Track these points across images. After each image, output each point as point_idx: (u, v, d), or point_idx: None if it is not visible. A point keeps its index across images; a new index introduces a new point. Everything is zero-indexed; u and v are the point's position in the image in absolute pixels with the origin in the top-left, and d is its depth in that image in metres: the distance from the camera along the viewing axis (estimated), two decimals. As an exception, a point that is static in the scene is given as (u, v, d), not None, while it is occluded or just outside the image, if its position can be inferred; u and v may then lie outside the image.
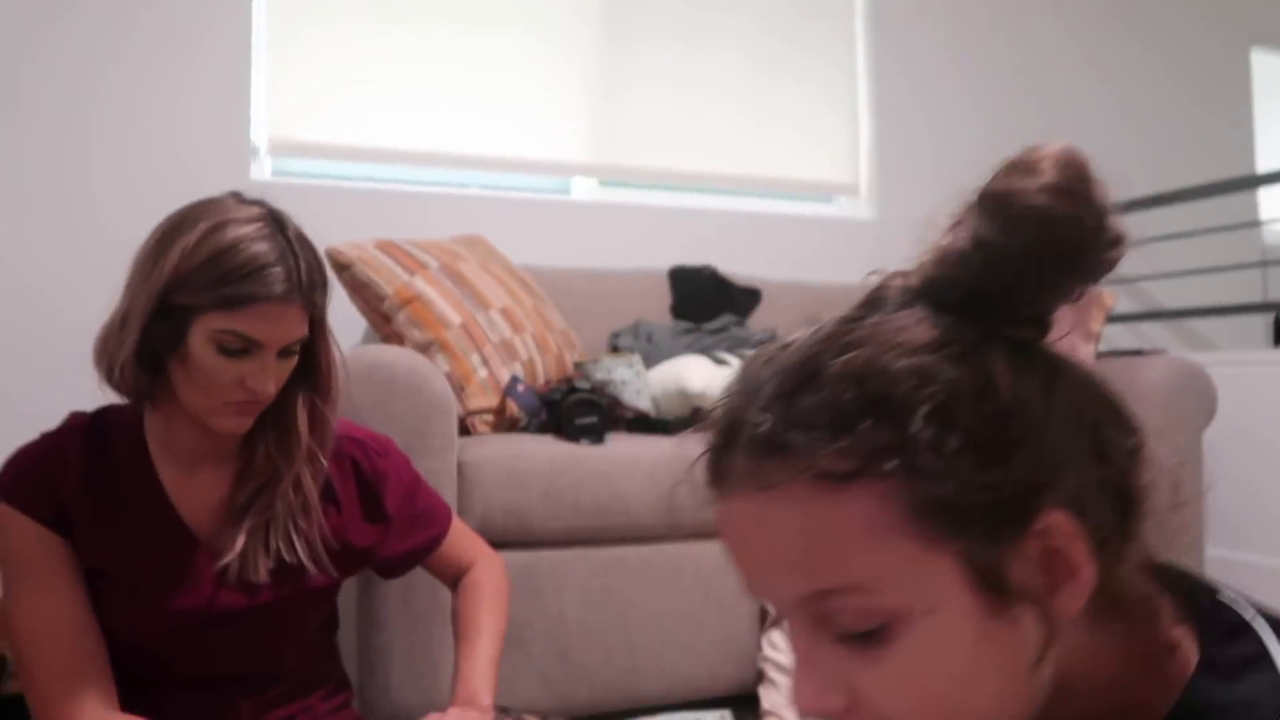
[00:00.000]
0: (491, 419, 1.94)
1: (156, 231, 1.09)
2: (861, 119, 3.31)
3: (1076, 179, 0.51)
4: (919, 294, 0.54)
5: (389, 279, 1.98)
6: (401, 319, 1.96)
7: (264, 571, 1.14)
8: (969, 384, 0.50)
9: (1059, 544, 0.50)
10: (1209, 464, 2.36)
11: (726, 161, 3.10)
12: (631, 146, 2.98)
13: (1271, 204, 3.89)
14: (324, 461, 1.19)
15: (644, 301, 2.65)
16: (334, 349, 1.19)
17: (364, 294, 1.99)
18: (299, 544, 1.16)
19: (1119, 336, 3.54)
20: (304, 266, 1.09)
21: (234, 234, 1.05)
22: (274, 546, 1.15)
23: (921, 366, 0.50)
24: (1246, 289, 3.54)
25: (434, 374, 1.65)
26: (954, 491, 0.49)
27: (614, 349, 2.44)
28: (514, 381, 1.94)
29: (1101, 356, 2.49)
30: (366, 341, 2.26)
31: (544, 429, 1.92)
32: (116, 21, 2.41)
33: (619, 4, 2.96)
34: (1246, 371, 2.75)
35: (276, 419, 1.16)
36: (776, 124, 3.16)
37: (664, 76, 3.02)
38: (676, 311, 2.64)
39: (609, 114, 2.95)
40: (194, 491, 1.16)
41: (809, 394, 0.51)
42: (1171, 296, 3.55)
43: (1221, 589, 0.58)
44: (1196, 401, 2.34)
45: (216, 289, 1.04)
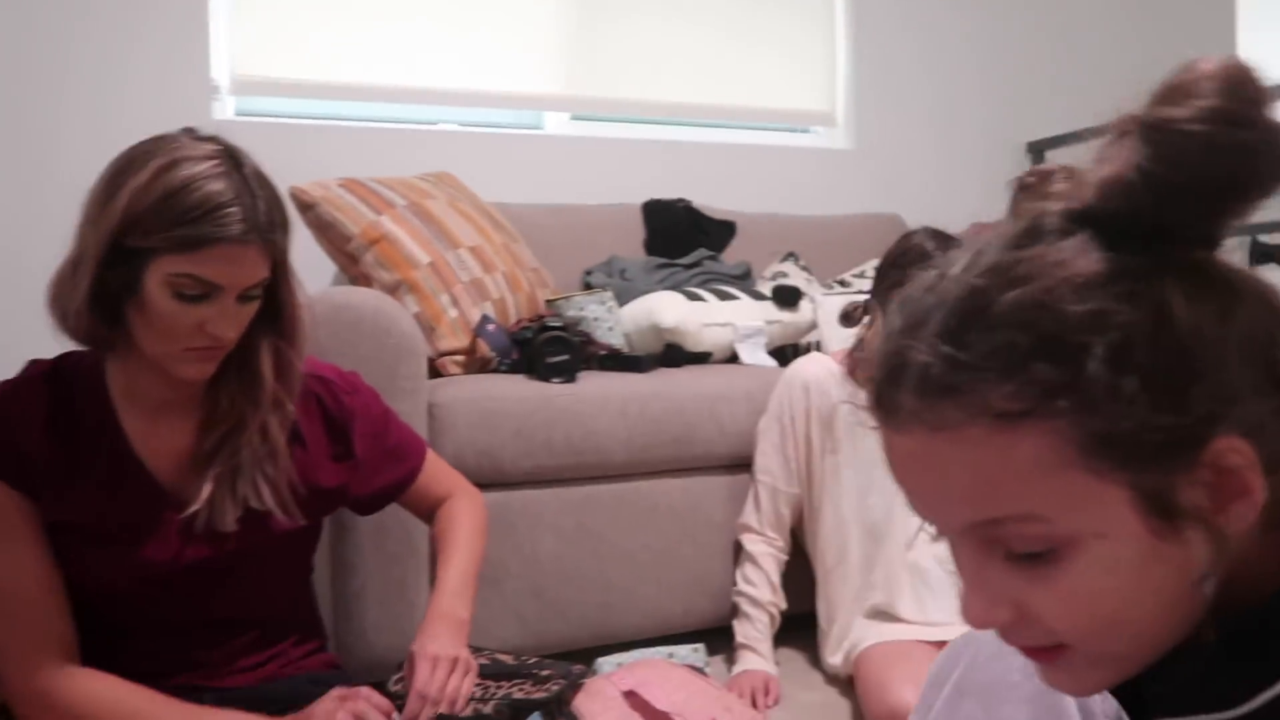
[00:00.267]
0: (462, 360, 1.92)
1: (107, 171, 1.06)
2: (839, 46, 3.25)
3: (1239, 99, 0.48)
4: (1082, 222, 0.52)
5: (355, 218, 1.95)
6: (369, 259, 1.93)
7: (232, 520, 1.13)
8: (1144, 321, 0.49)
9: (1232, 467, 0.50)
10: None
11: (701, 92, 3.04)
12: (605, 79, 2.93)
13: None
14: (290, 408, 1.17)
15: (617, 237, 2.62)
16: (298, 291, 1.16)
17: (329, 234, 1.95)
18: (266, 491, 1.15)
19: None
20: (262, 206, 1.05)
21: (187, 172, 1.02)
22: (241, 494, 1.14)
23: (1094, 305, 0.49)
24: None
25: (402, 315, 1.63)
26: (1129, 430, 0.49)
27: (587, 286, 2.42)
28: (484, 320, 1.92)
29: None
30: (337, 283, 2.23)
31: (515, 368, 1.91)
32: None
33: (588, -70, 2.89)
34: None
35: (240, 365, 1.14)
36: (753, 53, 3.10)
37: (637, 4, 2.95)
38: (650, 247, 2.62)
39: (581, 46, 2.89)
40: (158, 440, 1.14)
41: (978, 332, 0.50)
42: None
43: None
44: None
45: (170, 230, 1.00)
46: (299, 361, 1.18)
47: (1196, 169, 0.49)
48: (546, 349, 1.80)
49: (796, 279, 2.57)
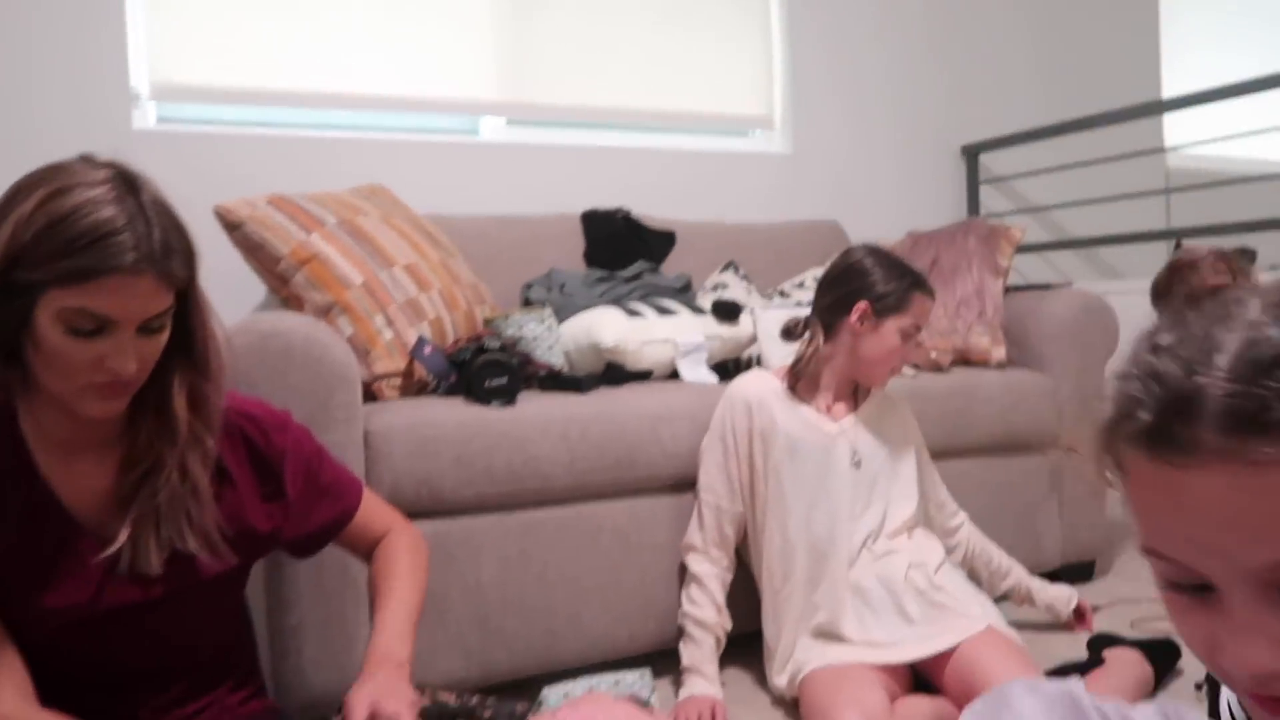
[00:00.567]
0: (399, 383, 1.88)
1: None
2: (776, 50, 3.25)
3: None
4: None
5: (284, 238, 1.89)
6: (299, 280, 1.87)
7: (157, 563, 1.09)
8: None
9: None
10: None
11: (640, 96, 3.02)
12: (541, 83, 2.88)
13: (1175, 130, 3.95)
14: (210, 444, 1.13)
15: (557, 247, 2.59)
16: (211, 321, 1.10)
17: (258, 255, 1.89)
18: (190, 533, 1.11)
19: (1030, 265, 3.59)
20: (158, 233, 0.99)
21: (75, 199, 0.96)
22: (166, 536, 1.09)
23: None
24: (1154, 216, 3.61)
25: (334, 341, 1.59)
26: None
27: (526, 302, 2.39)
28: (420, 343, 1.87)
29: (1010, 291, 2.52)
30: (267, 305, 2.17)
31: (454, 391, 1.87)
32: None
33: (521, -67, 2.83)
34: (1147, 300, 2.81)
35: (155, 401, 1.09)
36: (690, 56, 3.09)
37: (574, 6, 2.91)
38: (590, 258, 2.59)
39: (517, 49, 2.84)
40: (77, 480, 1.09)
41: None
42: (1081, 225, 3.61)
43: None
44: (1100, 333, 2.39)
45: (57, 262, 0.94)
46: (216, 395, 1.13)
47: None
48: (485, 372, 1.77)
49: (737, 289, 2.56)
